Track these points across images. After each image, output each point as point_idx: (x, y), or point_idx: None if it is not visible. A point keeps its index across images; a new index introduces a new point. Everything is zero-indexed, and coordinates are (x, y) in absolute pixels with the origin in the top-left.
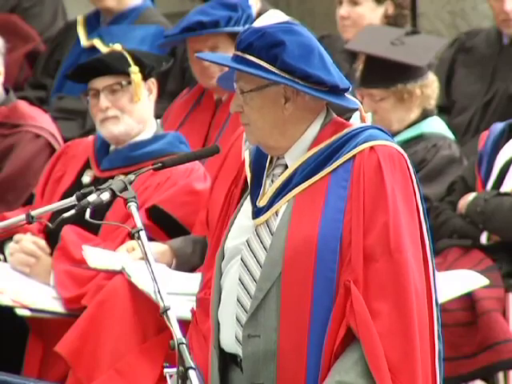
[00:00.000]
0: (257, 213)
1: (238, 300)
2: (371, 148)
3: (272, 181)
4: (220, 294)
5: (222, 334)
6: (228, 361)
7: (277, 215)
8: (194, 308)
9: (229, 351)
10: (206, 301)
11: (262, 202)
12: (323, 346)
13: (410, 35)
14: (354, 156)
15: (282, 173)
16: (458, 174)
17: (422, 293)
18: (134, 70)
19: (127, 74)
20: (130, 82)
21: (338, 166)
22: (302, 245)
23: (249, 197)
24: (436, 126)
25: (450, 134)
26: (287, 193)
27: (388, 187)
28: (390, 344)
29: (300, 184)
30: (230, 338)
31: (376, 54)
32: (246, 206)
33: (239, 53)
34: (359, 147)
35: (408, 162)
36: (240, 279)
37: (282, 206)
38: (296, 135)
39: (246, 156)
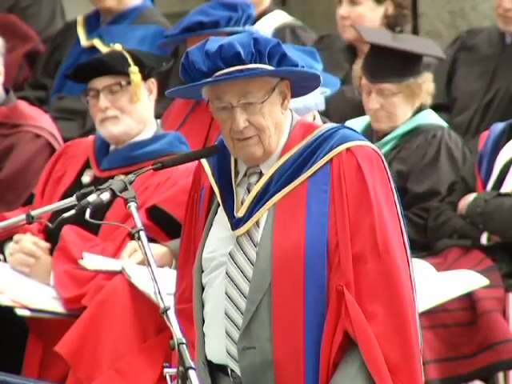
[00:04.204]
0: (236, 224)
1: (226, 314)
2: (348, 149)
3: (248, 190)
4: (202, 307)
5: (209, 346)
6: (215, 371)
7: (258, 225)
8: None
9: (217, 362)
10: (187, 310)
11: (240, 213)
12: (320, 352)
13: (399, 33)
14: (331, 159)
15: (258, 181)
16: (464, 159)
17: (409, 290)
18: (134, 70)
19: (127, 74)
20: (129, 82)
21: (316, 171)
22: (290, 253)
23: (221, 207)
24: (430, 117)
25: (444, 123)
26: (266, 201)
27: (370, 187)
28: (388, 344)
29: (279, 191)
30: (220, 352)
31: (395, 47)
32: (221, 217)
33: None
34: (335, 150)
35: (383, 159)
36: (227, 294)
37: (262, 214)
38: (279, 140)
39: (206, 165)
